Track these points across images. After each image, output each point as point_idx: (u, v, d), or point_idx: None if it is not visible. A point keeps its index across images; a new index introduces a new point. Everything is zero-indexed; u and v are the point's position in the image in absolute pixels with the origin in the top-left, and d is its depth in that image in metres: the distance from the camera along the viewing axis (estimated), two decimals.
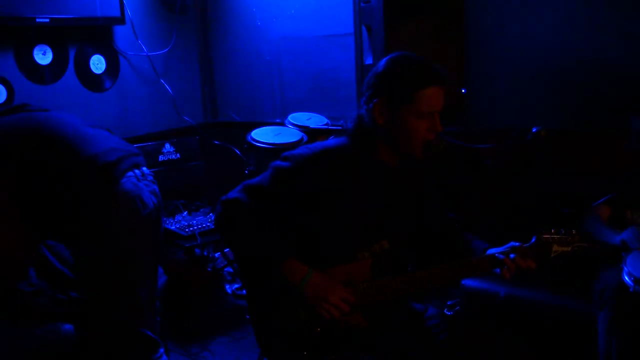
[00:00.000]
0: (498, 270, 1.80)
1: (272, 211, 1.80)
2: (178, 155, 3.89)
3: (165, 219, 3.50)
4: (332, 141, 1.90)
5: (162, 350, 2.35)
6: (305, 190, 1.79)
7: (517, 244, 1.82)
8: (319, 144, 1.88)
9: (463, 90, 3.10)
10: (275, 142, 3.06)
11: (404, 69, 1.76)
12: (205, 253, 3.58)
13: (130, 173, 2.14)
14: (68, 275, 2.39)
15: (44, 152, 2.06)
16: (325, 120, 3.38)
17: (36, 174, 2.03)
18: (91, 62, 3.57)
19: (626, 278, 2.12)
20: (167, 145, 3.86)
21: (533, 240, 1.82)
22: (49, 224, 2.13)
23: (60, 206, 2.07)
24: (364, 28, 3.21)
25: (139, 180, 2.16)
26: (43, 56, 3.33)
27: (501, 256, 1.79)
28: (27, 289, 2.72)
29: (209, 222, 3.28)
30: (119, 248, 2.09)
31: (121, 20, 3.50)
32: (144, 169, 2.23)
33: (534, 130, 2.57)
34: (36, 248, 2.06)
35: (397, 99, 1.75)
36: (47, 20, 3.14)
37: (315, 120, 3.38)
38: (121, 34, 3.70)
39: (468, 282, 2.66)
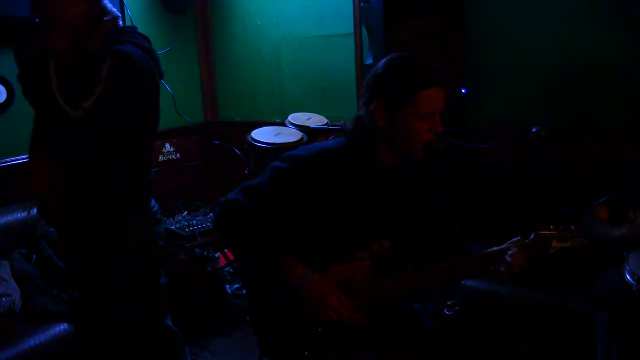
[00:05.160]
0: (501, 268, 1.79)
1: (271, 212, 1.80)
2: (178, 155, 3.90)
3: (165, 219, 3.51)
4: (331, 142, 1.91)
5: (187, 349, 2.36)
6: (305, 191, 1.79)
7: (516, 238, 1.82)
8: (318, 145, 1.88)
9: (463, 90, 3.09)
10: (275, 142, 3.05)
11: (403, 70, 1.76)
12: (205, 253, 3.58)
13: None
14: (71, 274, 2.40)
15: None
16: (325, 120, 3.38)
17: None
18: None
19: (628, 277, 2.11)
20: (167, 145, 3.86)
21: (532, 236, 1.82)
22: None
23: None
24: (364, 28, 3.21)
25: None
26: None
27: (500, 254, 1.79)
28: (33, 290, 2.73)
29: (209, 222, 3.27)
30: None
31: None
32: None
33: (534, 130, 2.57)
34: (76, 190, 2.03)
35: (398, 100, 1.74)
36: None
37: (315, 120, 3.37)
38: None
39: (468, 282, 2.66)
